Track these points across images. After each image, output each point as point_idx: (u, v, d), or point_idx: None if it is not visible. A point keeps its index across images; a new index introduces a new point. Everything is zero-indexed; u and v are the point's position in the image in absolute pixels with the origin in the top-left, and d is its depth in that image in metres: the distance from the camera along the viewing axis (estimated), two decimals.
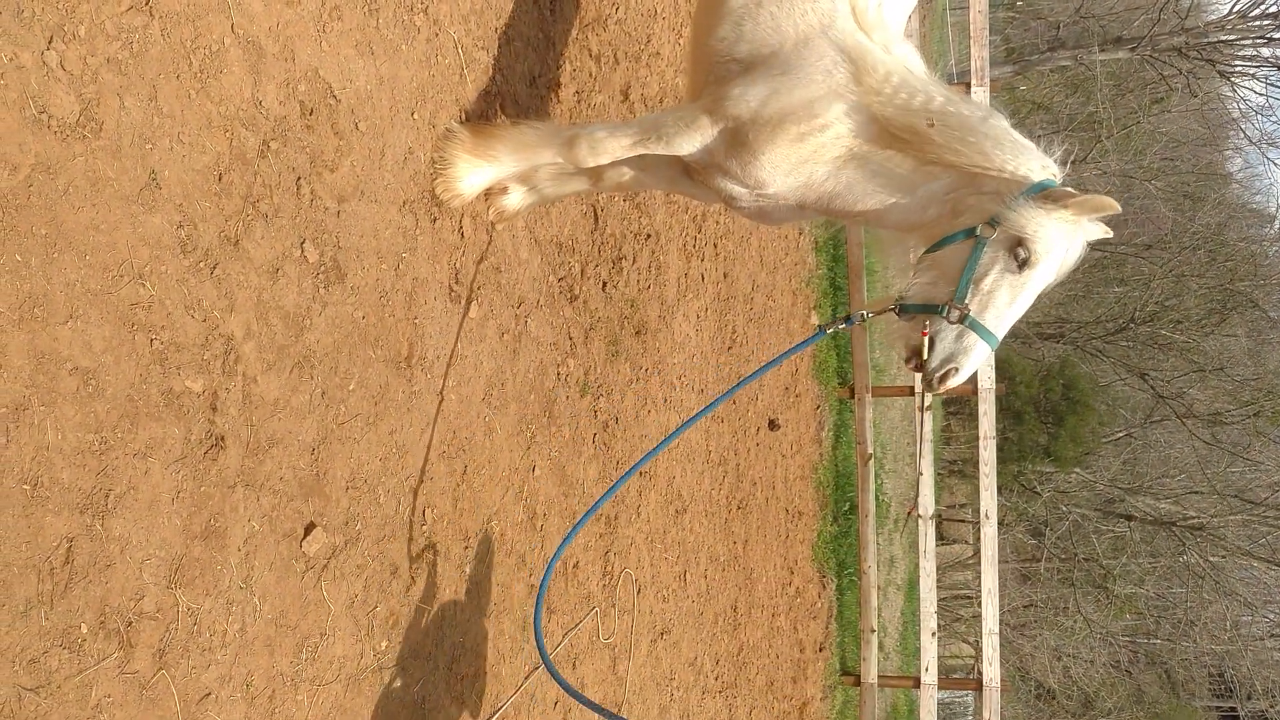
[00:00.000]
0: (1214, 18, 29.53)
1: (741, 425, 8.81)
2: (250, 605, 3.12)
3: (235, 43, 3.01)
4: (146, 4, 2.70)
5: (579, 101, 5.32)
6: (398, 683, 3.86)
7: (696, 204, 7.26)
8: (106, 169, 2.60)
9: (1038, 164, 3.25)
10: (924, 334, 3.18)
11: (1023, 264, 3.13)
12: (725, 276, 8.26)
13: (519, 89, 4.69)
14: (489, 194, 4.35)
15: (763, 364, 4.00)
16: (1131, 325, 26.76)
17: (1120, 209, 3.09)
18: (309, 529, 3.37)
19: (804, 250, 11.48)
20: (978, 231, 3.20)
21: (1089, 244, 3.27)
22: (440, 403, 4.11)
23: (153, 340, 2.74)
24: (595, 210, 5.57)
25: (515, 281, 4.70)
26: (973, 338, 3.15)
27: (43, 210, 2.43)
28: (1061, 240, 3.14)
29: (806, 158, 3.50)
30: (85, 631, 2.54)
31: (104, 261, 2.60)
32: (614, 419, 5.84)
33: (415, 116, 3.90)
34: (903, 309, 3.30)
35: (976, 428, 11.55)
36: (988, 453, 11.47)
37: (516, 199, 4.41)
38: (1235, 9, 28.33)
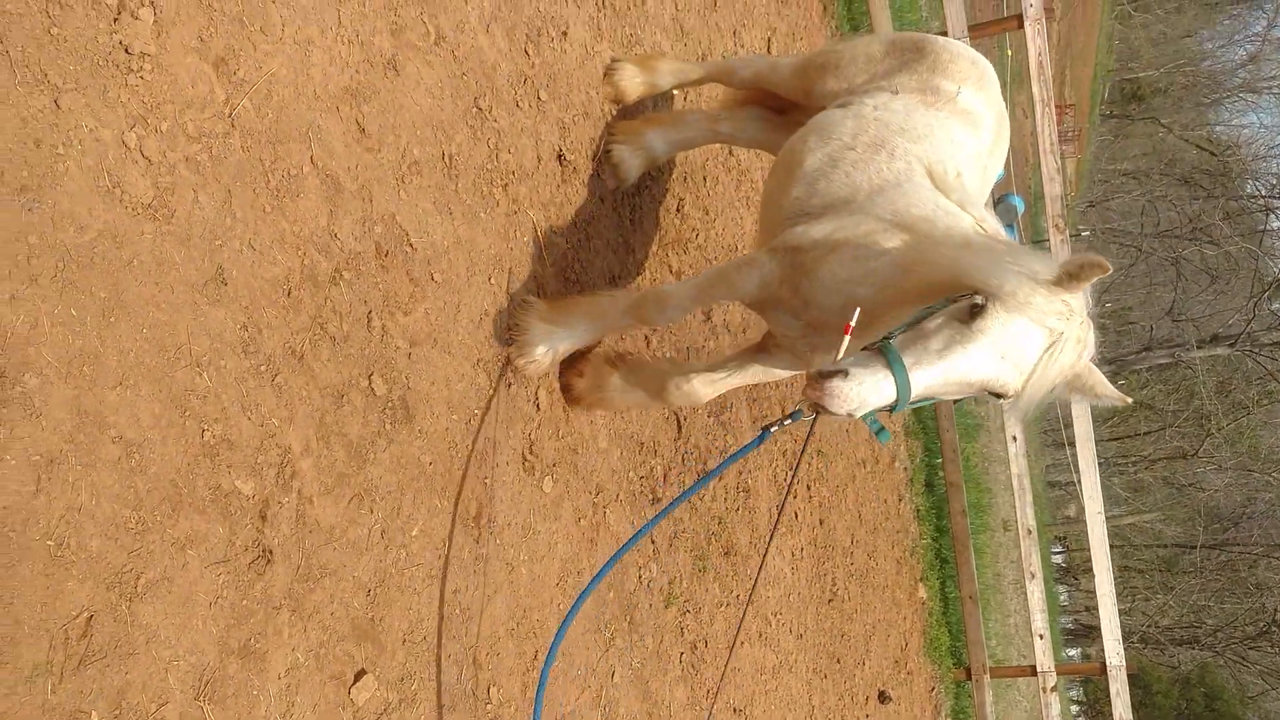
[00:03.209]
0: None
1: (849, 690, 8.15)
2: None
3: (314, 172, 3.13)
4: (229, 115, 2.83)
5: None
6: None
7: (785, 434, 7.12)
8: (174, 254, 2.63)
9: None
10: (846, 330, 2.84)
11: (975, 313, 2.71)
12: (821, 524, 7.95)
13: (598, 283, 4.76)
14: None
15: (715, 466, 3.63)
16: (1273, 628, 24.79)
17: (1111, 269, 2.69)
18: (359, 675, 3.10)
19: (905, 518, 11.07)
20: (953, 298, 2.87)
21: (1078, 355, 2.82)
22: (510, 573, 3.88)
23: (204, 431, 2.67)
24: (679, 419, 5.48)
25: (593, 468, 4.56)
26: (879, 361, 2.68)
27: (105, 275, 2.44)
28: (1031, 304, 2.69)
29: (856, 278, 3.33)
30: None
31: (161, 340, 2.57)
32: (703, 641, 5.44)
33: (492, 282, 3.95)
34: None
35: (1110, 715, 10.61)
36: None
37: (587, 391, 4.37)
38: None
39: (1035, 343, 2.73)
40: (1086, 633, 30.25)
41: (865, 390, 2.64)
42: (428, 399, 3.54)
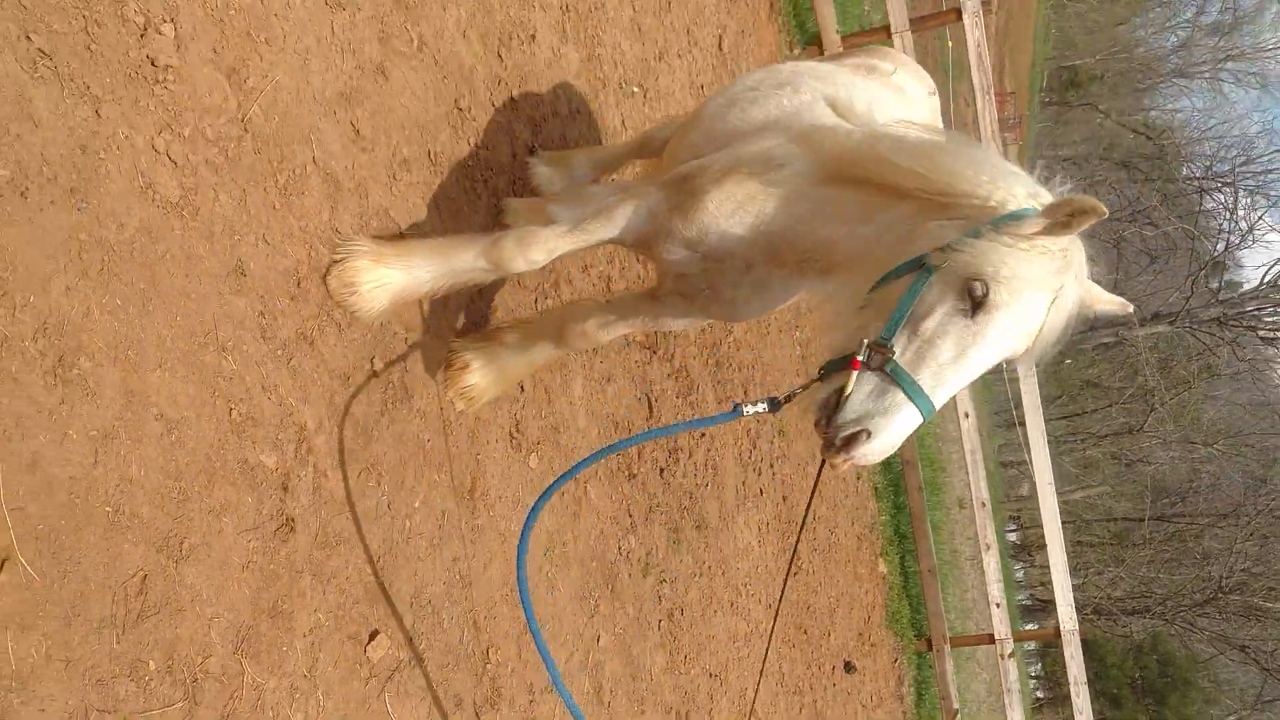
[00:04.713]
0: (1248, 288, 30.42)
1: (815, 658, 8.50)
2: (314, 698, 3.08)
3: (316, 171, 3.38)
4: (241, 120, 3.08)
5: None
6: None
7: (750, 418, 7.43)
8: (199, 248, 2.88)
9: (1024, 191, 2.57)
10: (854, 366, 2.44)
11: (977, 305, 2.41)
12: (784, 500, 8.27)
13: (571, 270, 5.05)
14: (449, 368, 3.95)
15: (679, 423, 3.24)
16: (1220, 595, 25.65)
17: (1107, 212, 2.36)
18: (373, 635, 3.36)
19: (864, 495, 11.46)
20: (925, 259, 2.51)
21: (1081, 292, 2.57)
22: (503, 543, 4.15)
23: (232, 410, 2.91)
24: (649, 399, 5.78)
25: (574, 445, 4.84)
26: (896, 395, 2.40)
27: (142, 268, 2.68)
28: (1033, 277, 2.42)
29: (755, 195, 3.04)
30: (153, 669, 2.54)
31: (192, 326, 2.82)
32: (679, 609, 5.74)
33: None
34: (826, 368, 2.57)
35: (1070, 708, 11.02)
36: (1081, 700, 10.89)
37: (481, 379, 3.95)
38: (1267, 280, 29.18)
39: (1040, 303, 2.48)
40: (1043, 607, 31.03)
41: (895, 437, 2.42)
42: (424, 381, 3.80)
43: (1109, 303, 2.73)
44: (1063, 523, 11.09)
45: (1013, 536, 34.19)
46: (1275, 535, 26.15)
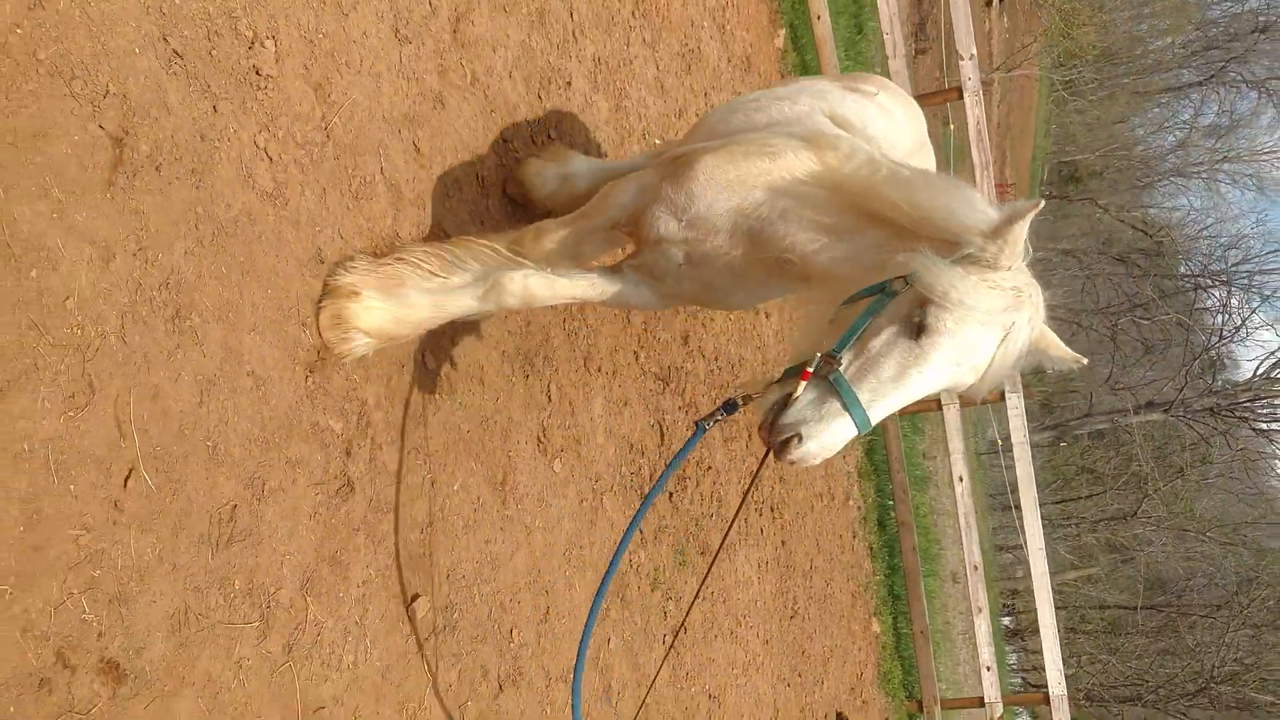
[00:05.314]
0: (1241, 380, 30.90)
1: (809, 705, 8.72)
2: (363, 644, 3.41)
3: (383, 181, 3.81)
4: (325, 129, 3.51)
5: (664, 383, 6.06)
6: None
7: (754, 460, 7.80)
8: (287, 233, 3.29)
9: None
10: (804, 376, 2.60)
11: (921, 329, 2.57)
12: (784, 544, 8.59)
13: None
14: (331, 291, 3.40)
15: (657, 480, 3.27)
16: (1211, 685, 25.67)
17: (1043, 202, 2.54)
18: (415, 598, 3.69)
19: (859, 554, 11.73)
20: (888, 285, 2.70)
21: (1030, 329, 2.69)
22: (528, 536, 4.50)
23: (308, 377, 3.30)
24: (662, 427, 6.15)
25: (593, 458, 5.20)
26: (834, 404, 2.57)
27: (243, 244, 3.09)
28: (980, 308, 2.55)
29: (746, 178, 3.16)
30: (238, 588, 2.89)
31: (279, 300, 3.22)
32: (683, 628, 6.04)
33: None
34: (784, 374, 2.73)
35: None
36: None
37: (369, 319, 3.40)
38: (1259, 372, 29.66)
39: (990, 339, 2.61)
40: (1034, 691, 30.97)
41: (827, 443, 2.58)
42: (467, 377, 4.19)
43: (1062, 352, 2.86)
44: (1056, 609, 11.32)
45: (1006, 621, 34.20)
46: (1267, 626, 26.28)
